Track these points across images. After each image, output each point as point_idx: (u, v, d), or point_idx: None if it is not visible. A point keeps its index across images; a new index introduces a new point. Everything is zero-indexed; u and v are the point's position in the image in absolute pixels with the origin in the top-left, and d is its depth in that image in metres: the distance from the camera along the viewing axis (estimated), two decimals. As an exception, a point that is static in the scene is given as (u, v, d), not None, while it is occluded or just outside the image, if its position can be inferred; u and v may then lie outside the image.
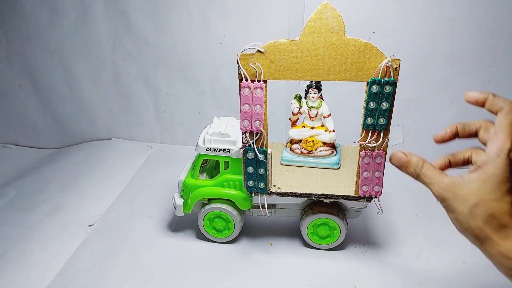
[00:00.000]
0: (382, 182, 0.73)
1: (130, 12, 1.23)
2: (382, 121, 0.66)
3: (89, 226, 0.94)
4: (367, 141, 0.67)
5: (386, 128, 0.66)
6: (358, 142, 0.68)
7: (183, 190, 0.85)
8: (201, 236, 0.89)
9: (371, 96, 0.64)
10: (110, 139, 1.42)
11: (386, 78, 0.62)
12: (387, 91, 0.63)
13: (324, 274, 0.79)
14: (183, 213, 0.86)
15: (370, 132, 0.67)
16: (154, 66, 1.29)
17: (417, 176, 0.51)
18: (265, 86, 0.66)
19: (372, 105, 0.65)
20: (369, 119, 0.66)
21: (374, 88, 0.63)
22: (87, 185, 1.12)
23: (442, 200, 0.48)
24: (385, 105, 0.64)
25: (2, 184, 1.18)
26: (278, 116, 1.14)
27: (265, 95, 0.67)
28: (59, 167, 1.26)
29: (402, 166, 0.53)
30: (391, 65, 0.61)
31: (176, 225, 0.94)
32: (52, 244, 0.88)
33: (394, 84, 0.63)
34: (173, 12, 1.20)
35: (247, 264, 0.82)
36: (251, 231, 0.90)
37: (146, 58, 1.28)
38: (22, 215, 0.99)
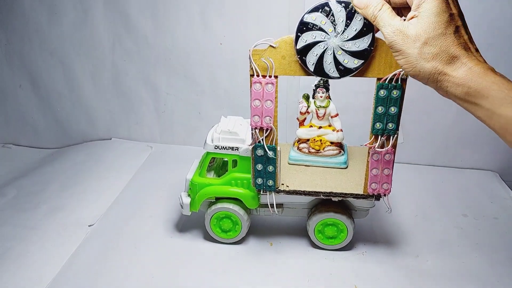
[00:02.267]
0: (391, 180, 0.72)
1: (130, 12, 1.23)
2: (391, 125, 0.66)
3: (89, 226, 0.94)
4: (376, 146, 0.68)
5: (394, 132, 0.67)
6: (366, 145, 0.69)
7: (190, 188, 0.85)
8: (201, 236, 0.90)
9: (379, 101, 0.64)
10: (110, 139, 1.42)
11: (393, 83, 0.62)
12: (395, 96, 0.63)
13: (324, 274, 0.79)
14: (190, 212, 0.86)
15: (380, 137, 0.67)
16: (154, 66, 1.29)
17: (374, 19, 0.52)
18: (276, 82, 0.66)
19: (380, 110, 0.65)
20: (378, 124, 0.66)
21: (382, 93, 0.63)
22: (87, 185, 1.12)
23: (392, 44, 0.49)
24: (393, 109, 0.65)
25: (2, 184, 1.18)
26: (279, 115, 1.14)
27: (276, 91, 0.66)
28: (59, 167, 1.26)
29: (363, 8, 0.53)
30: (404, 73, 0.61)
31: (177, 225, 0.94)
32: (52, 244, 0.88)
33: (401, 88, 0.63)
34: (173, 12, 1.20)
35: (247, 264, 0.82)
36: (251, 231, 0.90)
37: (146, 58, 1.28)
38: (22, 215, 0.99)
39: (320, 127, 0.86)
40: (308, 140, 0.86)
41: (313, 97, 0.85)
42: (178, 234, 0.91)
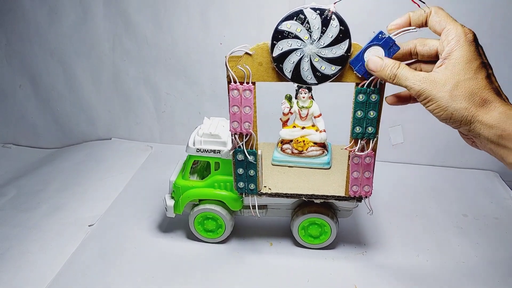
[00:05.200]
0: (372, 182, 0.73)
1: (130, 12, 1.23)
2: (370, 129, 0.66)
3: (89, 226, 0.94)
4: (356, 150, 0.68)
5: (374, 136, 0.67)
6: (347, 149, 0.69)
7: (173, 191, 0.85)
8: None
9: (358, 105, 0.64)
10: (110, 139, 1.42)
11: (372, 87, 0.62)
12: (373, 100, 0.63)
13: (324, 274, 0.79)
14: (174, 214, 0.86)
15: (359, 141, 0.67)
16: (154, 66, 1.29)
17: (394, 77, 0.54)
18: (254, 88, 0.66)
19: (359, 114, 0.65)
20: (357, 128, 0.66)
21: (361, 97, 0.63)
22: (87, 185, 1.12)
23: (421, 93, 0.50)
24: (372, 113, 0.65)
25: (2, 184, 1.18)
26: (272, 116, 1.14)
27: (254, 97, 0.66)
28: (59, 167, 1.26)
29: (379, 70, 0.56)
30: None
31: (176, 225, 0.94)
32: (52, 244, 0.88)
33: (379, 93, 0.63)
34: (173, 12, 1.20)
35: (247, 263, 0.82)
36: (251, 231, 0.90)
37: (146, 58, 1.28)
38: (22, 215, 0.99)
39: (303, 128, 0.86)
40: (291, 141, 0.86)
41: (296, 98, 0.85)
42: (178, 234, 0.91)
